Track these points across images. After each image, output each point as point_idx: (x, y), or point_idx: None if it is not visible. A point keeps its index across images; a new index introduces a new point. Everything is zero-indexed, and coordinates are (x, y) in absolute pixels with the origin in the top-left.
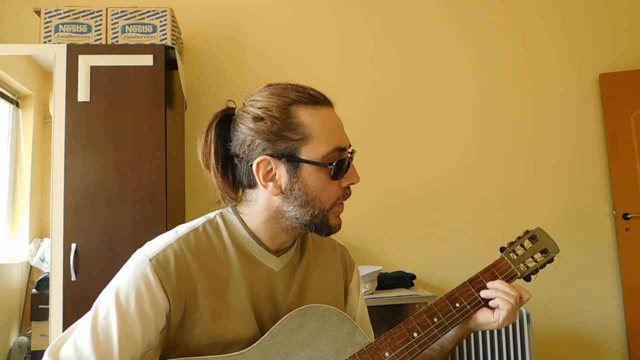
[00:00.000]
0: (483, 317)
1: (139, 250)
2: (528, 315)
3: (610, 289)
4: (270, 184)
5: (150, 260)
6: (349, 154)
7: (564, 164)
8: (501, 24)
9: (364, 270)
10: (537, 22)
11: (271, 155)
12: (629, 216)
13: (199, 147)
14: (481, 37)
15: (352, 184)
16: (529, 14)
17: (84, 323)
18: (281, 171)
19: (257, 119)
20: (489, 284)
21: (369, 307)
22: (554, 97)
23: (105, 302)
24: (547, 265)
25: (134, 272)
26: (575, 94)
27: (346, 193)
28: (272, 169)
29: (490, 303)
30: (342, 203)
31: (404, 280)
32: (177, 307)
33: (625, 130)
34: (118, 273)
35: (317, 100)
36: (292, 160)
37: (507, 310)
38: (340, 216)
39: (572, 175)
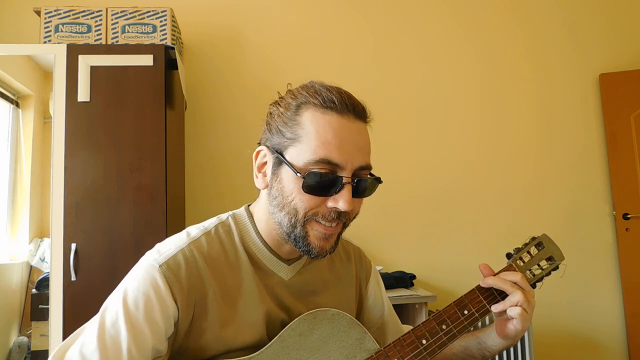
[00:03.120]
0: (510, 328)
1: (148, 253)
2: None
3: (610, 289)
4: (260, 175)
5: (160, 265)
6: (354, 177)
7: (564, 164)
8: (501, 24)
9: None
10: (537, 22)
11: (267, 147)
12: (629, 216)
13: None
14: (481, 37)
15: (336, 209)
16: (529, 14)
17: (90, 328)
18: (269, 165)
19: (272, 106)
20: (501, 274)
21: None
22: (554, 97)
23: (113, 308)
24: (553, 274)
25: (144, 278)
26: (575, 94)
27: (330, 214)
28: (266, 161)
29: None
30: (326, 225)
31: (404, 280)
32: (186, 314)
33: (625, 130)
34: (127, 276)
35: (332, 105)
36: (278, 158)
37: (519, 316)
38: None
39: (572, 175)
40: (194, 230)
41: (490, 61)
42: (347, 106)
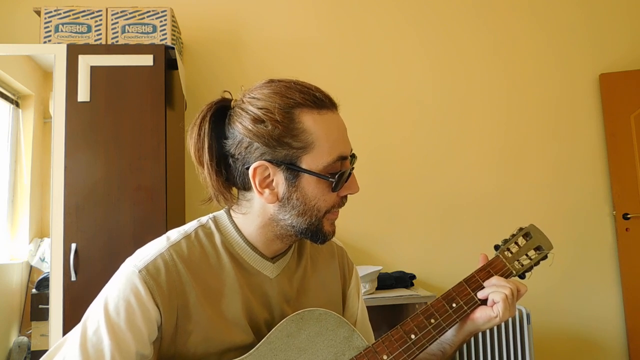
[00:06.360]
0: (483, 315)
1: (128, 260)
2: (528, 315)
3: (610, 289)
4: (267, 190)
5: (140, 271)
6: (350, 163)
7: (564, 164)
8: (501, 24)
9: (364, 270)
10: (537, 22)
11: (269, 161)
12: (629, 216)
13: (190, 139)
14: (481, 38)
15: (351, 193)
16: (529, 14)
17: (72, 339)
18: (279, 178)
19: (257, 120)
20: (485, 283)
21: (369, 307)
22: (554, 97)
23: (95, 317)
24: (543, 263)
25: (124, 284)
26: (575, 94)
27: (342, 201)
28: (269, 175)
29: (488, 302)
30: (337, 211)
31: (404, 280)
32: (169, 318)
33: (625, 130)
34: (107, 284)
35: (322, 104)
36: (292, 169)
37: (502, 300)
38: (340, 216)
39: (572, 175)
40: (174, 234)
41: (490, 61)
42: (329, 100)
